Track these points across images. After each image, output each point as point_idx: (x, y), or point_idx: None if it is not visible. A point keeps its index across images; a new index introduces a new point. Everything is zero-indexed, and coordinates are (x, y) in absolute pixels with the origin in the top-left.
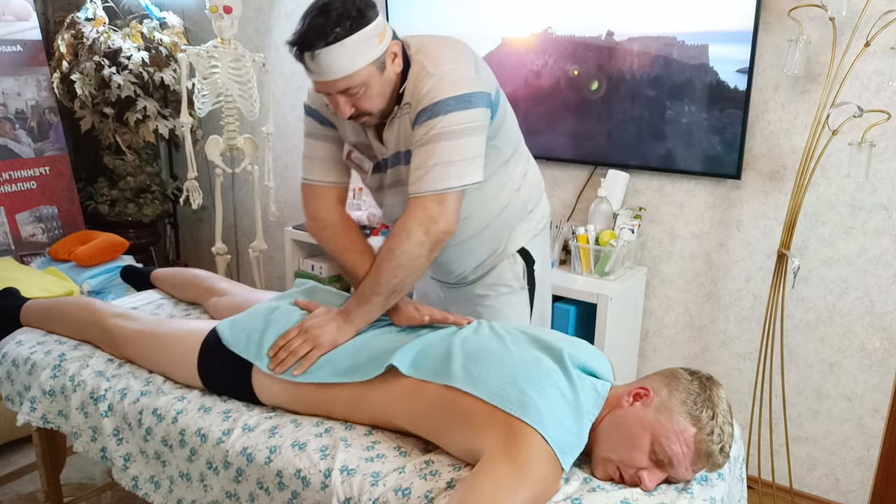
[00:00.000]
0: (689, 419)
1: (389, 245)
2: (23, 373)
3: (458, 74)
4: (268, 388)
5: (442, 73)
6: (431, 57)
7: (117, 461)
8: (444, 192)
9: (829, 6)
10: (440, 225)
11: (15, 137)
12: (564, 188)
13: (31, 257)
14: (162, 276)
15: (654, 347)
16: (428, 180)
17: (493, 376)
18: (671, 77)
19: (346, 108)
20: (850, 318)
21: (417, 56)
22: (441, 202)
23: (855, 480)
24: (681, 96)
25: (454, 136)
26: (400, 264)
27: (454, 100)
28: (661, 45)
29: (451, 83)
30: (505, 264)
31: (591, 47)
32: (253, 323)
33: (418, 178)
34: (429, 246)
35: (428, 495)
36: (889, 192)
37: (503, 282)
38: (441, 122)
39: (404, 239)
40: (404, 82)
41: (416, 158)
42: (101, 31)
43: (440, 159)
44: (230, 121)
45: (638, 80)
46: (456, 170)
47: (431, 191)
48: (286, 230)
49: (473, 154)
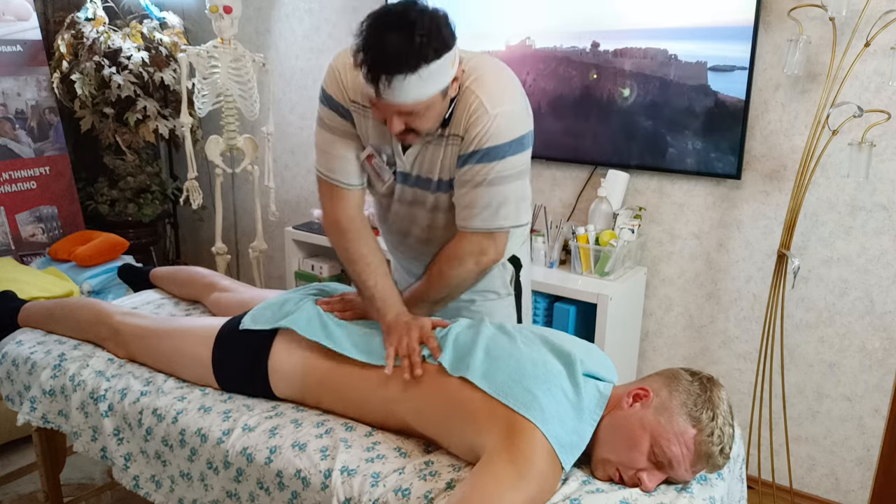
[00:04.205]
0: (690, 420)
1: (441, 269)
2: (23, 373)
3: (515, 116)
4: (283, 364)
5: (501, 113)
6: (490, 93)
7: (118, 461)
8: (495, 231)
9: (829, 6)
10: (490, 256)
11: (15, 137)
12: (564, 188)
13: (31, 257)
14: (161, 274)
15: (654, 347)
16: (481, 219)
17: (501, 373)
18: (671, 76)
19: (398, 125)
20: (850, 318)
21: (473, 87)
22: (492, 238)
23: (855, 480)
24: (681, 96)
25: (508, 181)
26: (448, 285)
27: (509, 144)
28: (659, 48)
29: (509, 126)
30: (495, 271)
31: (576, 61)
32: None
33: (470, 216)
34: (477, 273)
35: (428, 496)
36: (889, 192)
37: (491, 288)
38: (497, 167)
39: (456, 266)
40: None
41: (467, 197)
42: (101, 31)
43: (493, 201)
44: (230, 121)
45: (636, 88)
46: (506, 212)
47: (484, 229)
48: (286, 230)
49: (524, 195)
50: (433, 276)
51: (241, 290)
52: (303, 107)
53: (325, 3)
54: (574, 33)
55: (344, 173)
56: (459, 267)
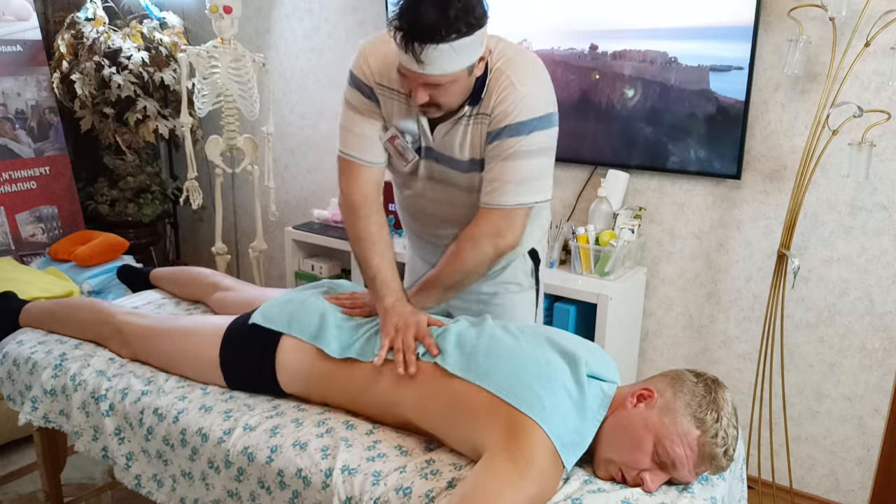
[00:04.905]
0: (694, 421)
1: (456, 250)
2: (24, 372)
3: (543, 96)
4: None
5: (528, 91)
6: (520, 72)
7: (119, 460)
8: (515, 208)
9: (829, 6)
10: (507, 240)
11: (15, 137)
12: (564, 188)
13: (31, 257)
14: (162, 274)
15: (654, 347)
16: (503, 193)
17: (503, 371)
18: (672, 81)
19: (423, 96)
20: (850, 318)
21: (503, 66)
22: (510, 217)
23: (855, 480)
24: (682, 102)
25: (533, 156)
26: (463, 269)
27: (537, 120)
28: (659, 51)
29: (536, 102)
30: (517, 263)
31: (574, 67)
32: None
33: (493, 190)
34: (493, 257)
35: (429, 494)
36: (889, 192)
37: (514, 280)
38: (523, 141)
39: (471, 248)
40: (481, 88)
41: (492, 171)
42: (101, 31)
43: (516, 176)
44: (230, 121)
45: (638, 87)
46: (529, 187)
47: (505, 205)
48: (286, 230)
49: (547, 172)
50: (448, 258)
51: (244, 289)
52: (303, 107)
53: (325, 3)
54: (572, 33)
55: (362, 150)
56: (475, 249)
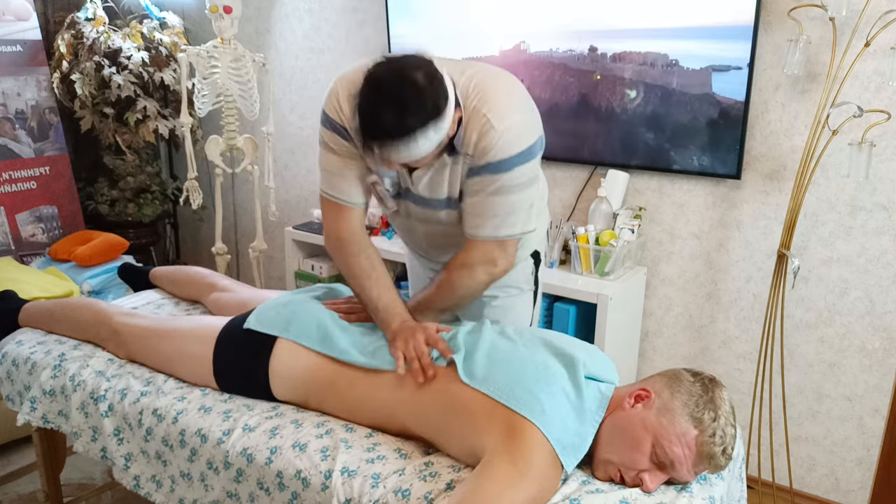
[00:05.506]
0: (691, 421)
1: (451, 277)
2: (23, 372)
3: (523, 127)
4: (285, 368)
5: (507, 127)
6: (496, 108)
7: (118, 461)
8: (506, 239)
9: (829, 6)
10: (500, 267)
11: (15, 137)
12: (564, 188)
13: (31, 257)
14: (161, 273)
15: (654, 347)
16: (490, 227)
17: (502, 375)
18: (673, 84)
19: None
20: (850, 318)
21: (479, 105)
22: (502, 247)
23: (855, 480)
24: (682, 105)
25: (516, 190)
26: (457, 294)
27: (518, 156)
28: (659, 52)
29: (516, 138)
30: (519, 266)
31: (573, 70)
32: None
33: (479, 224)
34: (487, 283)
35: (428, 496)
36: (889, 192)
37: (515, 283)
38: (504, 178)
39: (466, 276)
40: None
41: (477, 206)
42: (101, 31)
43: (501, 210)
44: (230, 121)
45: (638, 89)
46: (514, 220)
47: (493, 237)
48: (286, 230)
49: (531, 203)
50: (442, 283)
51: (240, 290)
52: (303, 107)
53: (325, 3)
54: (570, 34)
55: (347, 192)
56: (469, 277)
